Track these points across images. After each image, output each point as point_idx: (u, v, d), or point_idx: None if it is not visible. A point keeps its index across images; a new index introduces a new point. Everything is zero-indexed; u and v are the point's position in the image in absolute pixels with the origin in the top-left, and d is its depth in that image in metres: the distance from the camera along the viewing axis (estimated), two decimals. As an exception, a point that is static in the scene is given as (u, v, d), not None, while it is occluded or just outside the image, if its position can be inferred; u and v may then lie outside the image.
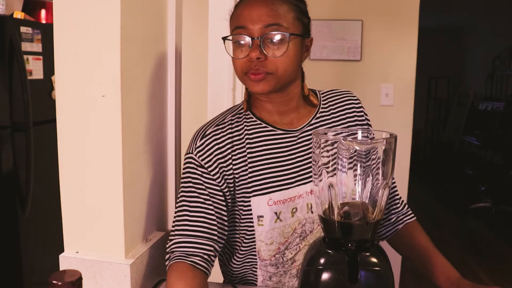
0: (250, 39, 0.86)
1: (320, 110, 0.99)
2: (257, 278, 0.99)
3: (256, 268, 0.97)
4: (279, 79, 0.89)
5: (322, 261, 0.76)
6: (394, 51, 2.47)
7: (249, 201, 0.92)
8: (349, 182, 0.77)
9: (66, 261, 0.91)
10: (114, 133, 0.87)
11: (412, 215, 1.09)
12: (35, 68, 2.18)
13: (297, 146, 0.95)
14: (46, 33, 2.24)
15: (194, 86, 2.59)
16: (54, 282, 0.57)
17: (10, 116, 2.05)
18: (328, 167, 0.77)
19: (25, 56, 2.08)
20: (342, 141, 0.75)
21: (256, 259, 0.96)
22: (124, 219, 0.90)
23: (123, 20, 0.85)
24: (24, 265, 2.12)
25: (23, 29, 2.10)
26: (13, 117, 2.06)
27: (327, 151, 0.76)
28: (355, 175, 0.76)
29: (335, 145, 0.75)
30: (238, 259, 0.99)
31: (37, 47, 2.19)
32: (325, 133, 0.83)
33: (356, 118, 1.02)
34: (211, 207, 0.92)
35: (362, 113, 1.04)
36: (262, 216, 0.92)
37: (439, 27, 6.66)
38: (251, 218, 0.93)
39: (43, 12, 2.45)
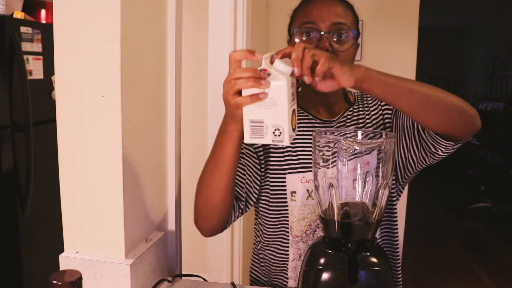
0: (319, 33, 0.95)
1: (353, 107, 1.07)
2: (288, 258, 1.03)
3: (288, 246, 1.03)
4: None
5: (322, 261, 0.76)
6: (394, 51, 2.47)
7: (284, 177, 1.01)
8: (349, 182, 0.78)
9: (66, 261, 0.91)
10: (114, 133, 0.87)
11: None
12: (35, 68, 2.18)
13: None
14: (46, 33, 2.24)
15: (194, 86, 2.59)
16: (54, 282, 0.57)
17: (10, 116, 2.05)
18: (328, 167, 0.77)
19: (25, 56, 2.08)
20: (342, 141, 0.75)
21: (288, 236, 1.02)
22: (124, 219, 0.89)
23: (123, 20, 0.85)
24: (24, 265, 2.12)
25: (23, 29, 2.10)
26: (13, 117, 2.06)
27: (327, 151, 0.76)
28: (355, 175, 0.77)
29: (335, 145, 0.75)
30: (270, 236, 1.05)
31: (37, 47, 2.19)
32: (325, 133, 0.83)
33: (382, 110, 1.06)
34: (244, 166, 1.00)
35: (389, 108, 1.06)
36: (295, 192, 1.01)
37: (439, 27, 6.66)
38: (285, 194, 1.01)
39: (43, 12, 2.45)
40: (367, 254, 0.76)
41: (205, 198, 0.92)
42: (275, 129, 0.76)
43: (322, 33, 0.95)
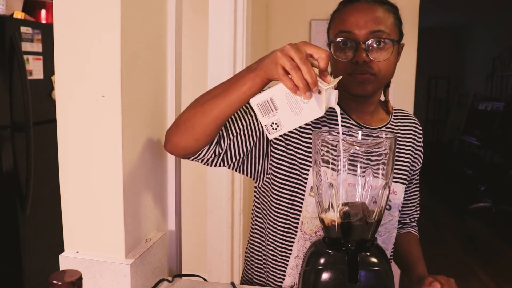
0: (355, 43, 0.92)
1: (391, 122, 1.07)
2: (290, 254, 1.00)
3: (294, 241, 1.00)
4: (380, 81, 0.96)
5: (322, 261, 0.76)
6: (394, 51, 2.46)
7: (308, 170, 0.96)
8: (349, 182, 0.78)
9: (66, 261, 0.91)
10: (114, 133, 0.87)
11: (417, 232, 1.20)
12: (35, 68, 2.18)
13: None
14: (46, 33, 2.24)
15: (194, 86, 2.59)
16: (54, 282, 0.57)
17: (10, 116, 2.05)
18: (328, 167, 0.77)
19: (25, 56, 2.08)
20: (342, 141, 0.75)
21: (296, 231, 0.99)
22: (124, 219, 0.90)
23: (123, 20, 0.85)
24: (24, 265, 2.12)
25: (23, 29, 2.10)
26: (13, 117, 2.06)
27: (328, 151, 0.76)
28: (355, 175, 0.77)
29: (336, 145, 0.75)
30: (280, 228, 1.01)
31: (37, 47, 2.19)
32: (326, 133, 0.83)
33: (415, 142, 1.10)
34: (249, 115, 0.95)
35: (421, 141, 1.12)
36: None
37: (439, 27, 6.66)
38: (304, 188, 0.97)
39: (43, 12, 2.45)
40: (367, 254, 0.76)
41: (192, 113, 0.87)
42: (276, 123, 0.77)
43: (358, 43, 0.92)
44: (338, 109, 0.78)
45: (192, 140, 0.88)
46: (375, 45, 0.92)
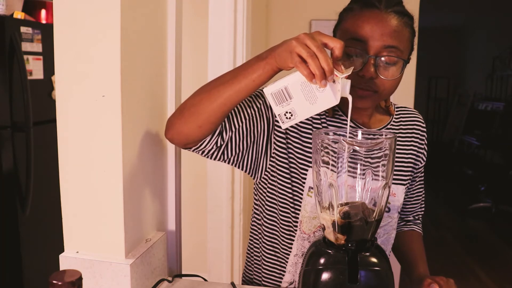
0: (366, 56, 0.87)
1: (391, 123, 1.05)
2: (290, 252, 1.00)
3: (293, 241, 0.99)
4: (381, 98, 0.94)
5: (322, 261, 0.77)
6: (394, 51, 2.46)
7: (307, 170, 0.96)
8: (349, 182, 0.78)
9: (66, 261, 0.91)
10: (114, 133, 0.87)
11: (420, 229, 1.19)
12: (35, 68, 2.18)
13: None
14: (46, 33, 2.24)
15: (194, 86, 2.59)
16: (54, 282, 0.57)
17: (10, 116, 2.05)
18: (328, 167, 0.77)
19: (25, 56, 2.08)
20: (342, 141, 0.75)
21: (296, 230, 0.99)
22: (124, 219, 0.90)
23: (123, 19, 0.85)
24: (24, 265, 2.12)
25: (23, 29, 2.10)
26: (13, 117, 2.06)
27: (328, 151, 0.76)
28: (355, 175, 0.77)
29: (336, 145, 0.75)
30: (280, 226, 1.01)
31: (37, 47, 2.19)
32: (326, 133, 0.84)
33: (418, 140, 1.08)
34: (252, 110, 0.94)
35: (424, 139, 1.09)
36: (313, 188, 0.95)
37: (439, 27, 6.66)
38: (302, 188, 0.96)
39: (43, 12, 2.45)
40: (367, 254, 0.76)
41: (198, 99, 0.86)
42: (290, 112, 0.77)
43: (369, 56, 0.87)
44: (350, 98, 0.77)
45: (195, 127, 0.86)
46: (385, 62, 0.88)
